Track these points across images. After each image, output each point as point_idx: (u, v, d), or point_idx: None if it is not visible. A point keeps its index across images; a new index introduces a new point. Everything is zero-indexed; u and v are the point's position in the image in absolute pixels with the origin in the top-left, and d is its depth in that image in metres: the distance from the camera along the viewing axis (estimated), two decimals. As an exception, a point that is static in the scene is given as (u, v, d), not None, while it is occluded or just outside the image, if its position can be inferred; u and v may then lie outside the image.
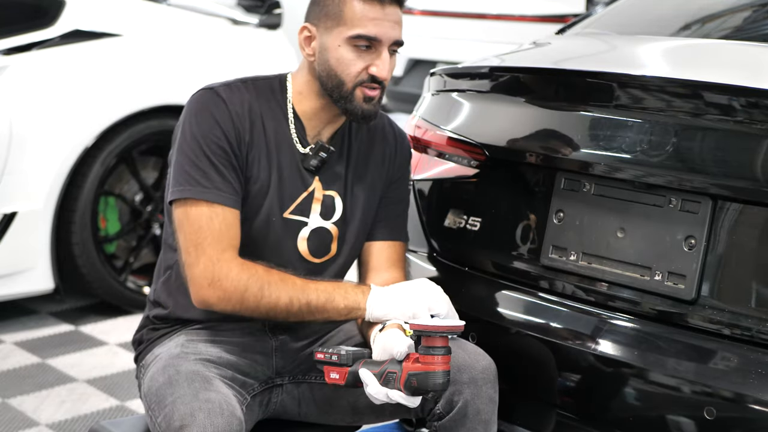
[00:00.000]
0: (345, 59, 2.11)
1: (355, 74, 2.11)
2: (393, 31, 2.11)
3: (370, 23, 2.08)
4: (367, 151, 2.28)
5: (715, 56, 2.36)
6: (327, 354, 2.05)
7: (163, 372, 2.07)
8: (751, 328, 1.90)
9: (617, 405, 2.04)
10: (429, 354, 1.92)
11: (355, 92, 2.12)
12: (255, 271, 2.07)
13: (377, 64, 2.10)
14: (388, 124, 2.34)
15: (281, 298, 2.07)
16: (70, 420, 3.40)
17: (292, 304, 2.07)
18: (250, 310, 2.08)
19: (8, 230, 3.93)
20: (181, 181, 2.10)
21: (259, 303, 2.07)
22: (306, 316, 2.10)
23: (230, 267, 2.06)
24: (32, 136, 3.97)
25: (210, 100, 2.13)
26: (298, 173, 2.19)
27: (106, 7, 4.44)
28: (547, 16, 6.29)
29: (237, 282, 2.05)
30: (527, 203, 2.30)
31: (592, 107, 2.18)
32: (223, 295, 2.06)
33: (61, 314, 4.37)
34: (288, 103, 2.19)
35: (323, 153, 2.19)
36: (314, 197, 2.20)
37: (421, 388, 1.93)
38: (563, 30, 2.87)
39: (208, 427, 1.90)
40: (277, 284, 2.07)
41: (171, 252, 2.25)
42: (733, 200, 1.96)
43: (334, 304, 2.10)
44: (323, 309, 2.09)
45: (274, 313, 2.09)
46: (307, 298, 2.08)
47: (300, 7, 2.19)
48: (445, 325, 1.92)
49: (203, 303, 2.09)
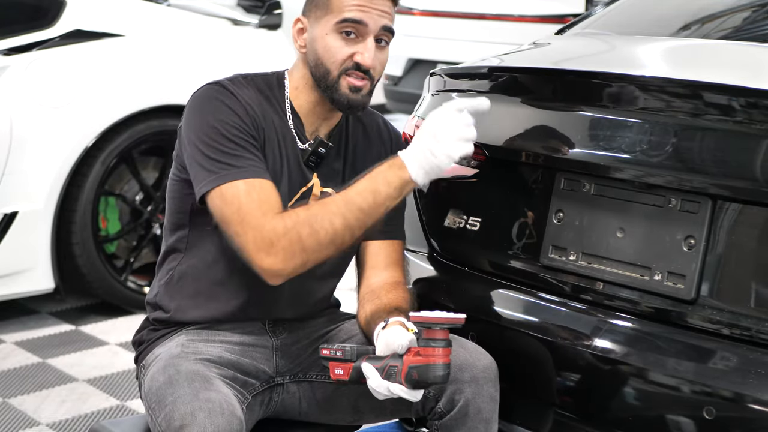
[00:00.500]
0: (331, 47, 2.11)
1: (340, 61, 2.11)
2: (380, 19, 2.10)
3: (356, 9, 2.09)
4: (364, 150, 2.28)
5: (715, 56, 2.36)
6: (332, 350, 2.05)
7: (164, 372, 2.07)
8: (750, 328, 1.91)
9: (617, 405, 2.04)
10: (429, 346, 1.92)
11: (341, 81, 2.12)
12: (296, 214, 2.02)
13: (362, 51, 2.10)
14: (383, 123, 2.35)
15: (335, 222, 2.01)
16: (71, 420, 3.40)
17: (347, 219, 2.01)
18: (316, 251, 2.01)
19: (9, 230, 3.93)
20: (212, 170, 2.06)
21: (320, 239, 2.00)
22: (367, 221, 2.03)
23: (274, 226, 2.00)
24: (33, 136, 3.97)
25: (220, 92, 2.13)
26: (299, 168, 2.19)
27: (107, 7, 4.44)
28: (547, 16, 6.28)
29: (288, 234, 2.00)
30: (527, 203, 2.31)
31: (592, 107, 2.18)
32: (284, 255, 2.00)
33: (62, 314, 4.37)
34: (286, 99, 2.20)
35: (322, 149, 2.20)
36: (312, 193, 2.21)
37: (422, 380, 1.93)
38: (563, 30, 2.88)
39: (208, 426, 1.90)
40: (322, 214, 2.01)
41: (174, 253, 2.25)
42: (733, 200, 1.96)
43: (383, 193, 2.02)
44: (377, 204, 2.02)
45: (340, 239, 2.02)
46: (357, 205, 2.01)
47: (300, 8, 2.20)
48: (445, 316, 1.92)
49: (274, 274, 2.02)
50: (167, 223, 2.27)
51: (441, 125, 2.00)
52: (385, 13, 2.12)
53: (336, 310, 2.40)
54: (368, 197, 2.02)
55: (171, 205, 2.25)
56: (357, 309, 2.29)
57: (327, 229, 2.01)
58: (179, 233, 2.24)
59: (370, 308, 2.20)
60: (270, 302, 2.21)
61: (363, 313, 2.23)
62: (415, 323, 1.96)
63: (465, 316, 1.94)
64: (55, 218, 4.05)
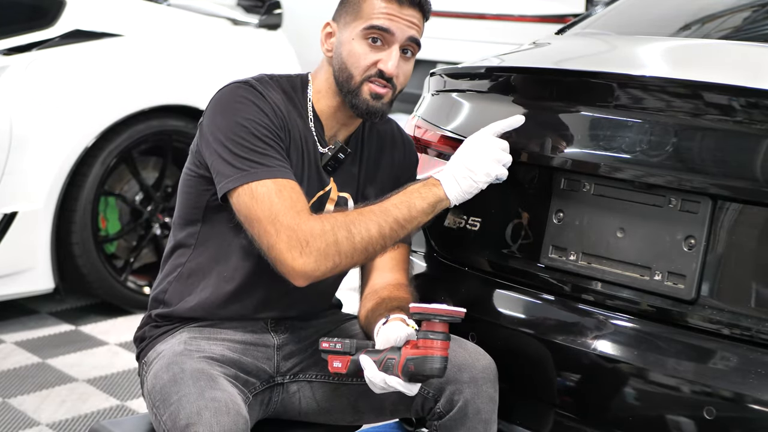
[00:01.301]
0: (356, 52, 2.13)
1: (364, 67, 2.12)
2: (408, 29, 2.13)
3: (384, 17, 2.11)
4: (378, 156, 2.30)
5: (715, 56, 2.36)
6: (331, 343, 2.06)
7: (168, 370, 2.07)
8: (750, 328, 1.90)
9: (617, 405, 2.04)
10: (428, 338, 1.93)
11: (363, 87, 2.13)
12: (334, 218, 2.05)
13: (386, 59, 2.12)
14: (396, 129, 2.36)
15: (371, 230, 2.05)
16: (71, 420, 3.40)
17: (383, 228, 2.06)
18: (349, 255, 2.03)
19: (9, 230, 3.93)
20: (241, 167, 2.05)
21: (354, 244, 2.03)
22: (400, 233, 2.09)
23: (311, 226, 2.01)
24: (33, 136, 3.97)
25: (248, 91, 2.12)
26: (317, 172, 2.20)
27: (107, 7, 4.44)
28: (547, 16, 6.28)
29: (324, 236, 2.01)
30: (527, 203, 2.31)
31: (592, 107, 2.18)
32: (318, 255, 2.00)
33: (62, 314, 4.37)
34: (308, 102, 2.21)
35: (342, 154, 2.21)
36: (329, 197, 2.22)
37: (418, 372, 1.93)
38: (563, 30, 2.87)
39: (214, 425, 1.90)
40: (359, 220, 2.05)
41: (183, 249, 2.24)
42: (733, 200, 1.96)
43: (417, 208, 2.09)
44: (411, 217, 2.09)
45: (372, 247, 2.06)
46: (393, 216, 2.07)
47: (300, 8, 2.21)
48: (445, 308, 1.92)
49: (304, 275, 2.02)
50: (177, 218, 2.27)
51: (478, 148, 2.12)
52: (413, 24, 2.14)
53: (337, 311, 2.40)
54: (404, 210, 2.08)
55: (184, 199, 2.24)
56: (359, 309, 2.29)
57: (363, 235, 2.04)
58: (190, 229, 2.24)
59: (371, 306, 2.20)
60: (275, 300, 2.22)
61: (364, 311, 2.24)
62: (414, 314, 1.96)
63: (465, 310, 1.94)
64: (55, 218, 4.05)
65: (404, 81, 2.18)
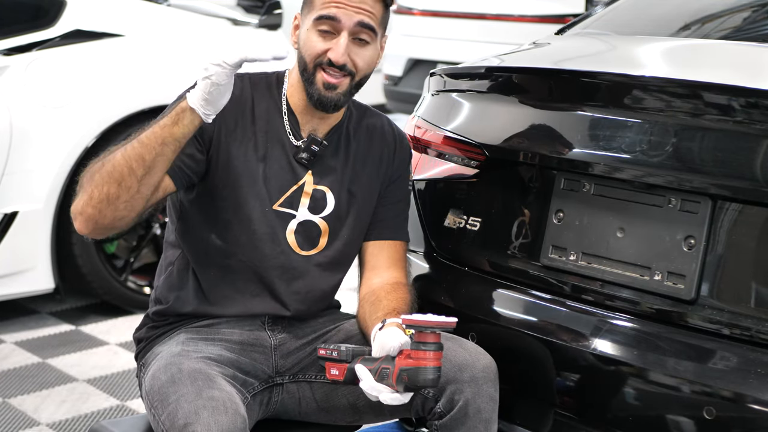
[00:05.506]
0: (309, 41, 2.14)
1: (315, 55, 2.14)
2: (356, 15, 2.12)
3: (332, 5, 2.12)
4: (366, 151, 2.29)
5: (715, 56, 2.36)
6: (328, 350, 2.07)
7: (165, 370, 2.07)
8: (750, 328, 1.90)
9: (617, 405, 2.04)
10: (420, 349, 1.93)
11: (317, 75, 2.14)
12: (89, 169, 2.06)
13: (334, 47, 2.12)
14: (387, 124, 2.35)
15: (116, 156, 2.01)
16: (71, 420, 3.40)
17: (126, 150, 2.00)
18: (99, 185, 2.01)
19: (9, 230, 3.93)
20: None
21: (102, 174, 2.00)
22: (143, 151, 1.99)
23: (88, 169, 2.05)
24: (33, 136, 3.97)
25: None
26: (289, 166, 2.21)
27: (107, 7, 4.44)
28: (547, 17, 6.28)
29: (85, 174, 2.03)
30: (527, 203, 2.31)
31: (592, 107, 2.18)
32: (81, 191, 2.03)
33: (62, 314, 4.37)
34: (282, 97, 2.23)
35: (315, 146, 2.21)
36: (303, 191, 2.22)
37: (412, 383, 1.94)
38: (563, 30, 2.88)
39: (212, 425, 1.90)
40: (114, 150, 2.04)
41: (172, 249, 2.28)
42: (733, 200, 1.96)
43: (160, 123, 2.00)
44: (153, 133, 1.99)
45: (119, 172, 2.00)
46: (136, 138, 2.01)
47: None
48: (436, 320, 1.93)
49: (78, 213, 2.04)
50: (168, 218, 2.33)
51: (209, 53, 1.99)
52: (362, 9, 2.12)
53: (336, 311, 2.40)
54: (147, 130, 2.01)
55: (169, 199, 2.28)
56: (357, 309, 2.29)
57: (110, 162, 2.01)
58: (172, 227, 2.29)
59: (369, 308, 2.20)
60: (267, 296, 2.22)
61: (362, 313, 2.24)
62: (407, 326, 1.97)
63: (456, 319, 1.94)
64: (55, 218, 4.05)
65: (365, 67, 2.17)
